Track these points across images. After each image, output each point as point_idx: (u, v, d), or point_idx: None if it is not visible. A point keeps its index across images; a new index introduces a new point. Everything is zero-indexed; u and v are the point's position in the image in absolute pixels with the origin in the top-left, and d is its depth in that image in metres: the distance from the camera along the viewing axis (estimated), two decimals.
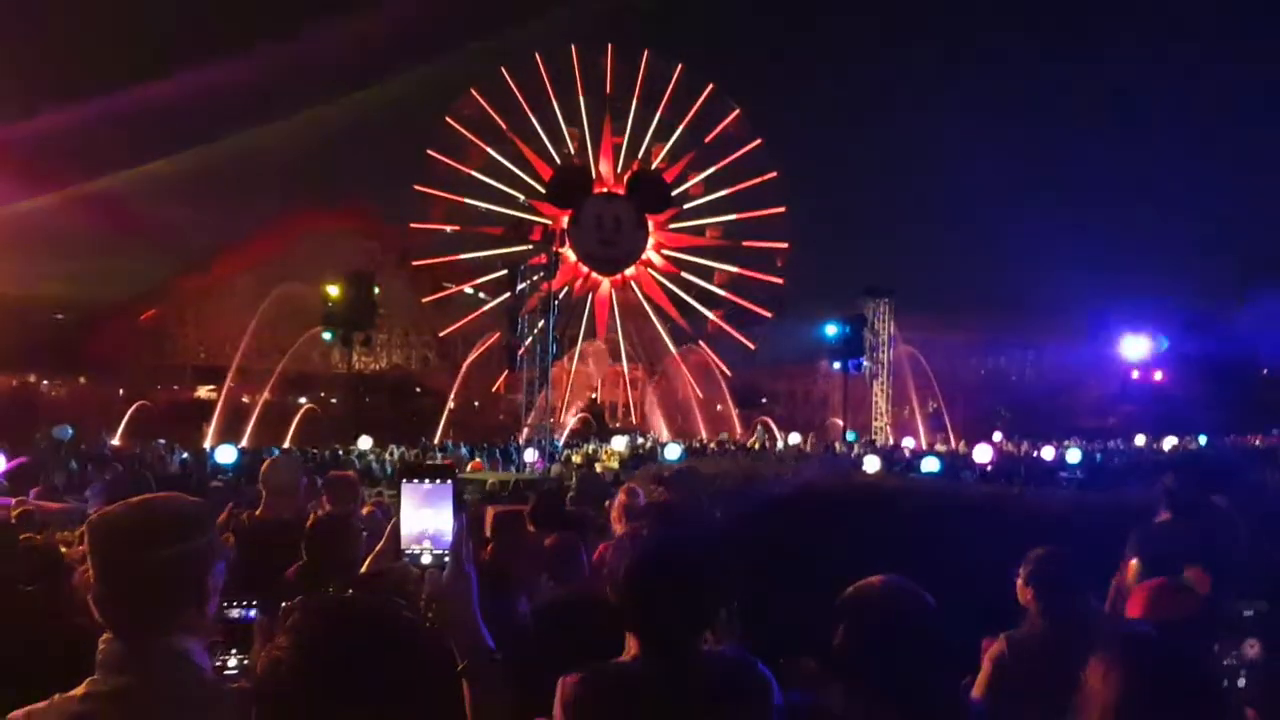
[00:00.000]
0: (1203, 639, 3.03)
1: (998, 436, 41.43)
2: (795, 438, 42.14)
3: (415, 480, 2.22)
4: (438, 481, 2.22)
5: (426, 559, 2.16)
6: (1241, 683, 3.00)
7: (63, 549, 5.89)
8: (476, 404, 55.31)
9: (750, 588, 2.84)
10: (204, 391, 55.54)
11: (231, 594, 2.32)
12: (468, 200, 57.34)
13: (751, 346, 60.03)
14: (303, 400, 47.78)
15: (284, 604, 2.07)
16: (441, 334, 59.28)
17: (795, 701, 2.47)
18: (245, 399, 46.22)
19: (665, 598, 2.41)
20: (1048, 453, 29.73)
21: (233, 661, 2.25)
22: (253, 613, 2.33)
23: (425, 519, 2.19)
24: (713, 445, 38.81)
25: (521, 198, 58.07)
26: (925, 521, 6.52)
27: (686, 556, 2.47)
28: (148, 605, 2.14)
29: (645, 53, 58.90)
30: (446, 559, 2.16)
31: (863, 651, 2.32)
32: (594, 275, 58.91)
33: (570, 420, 48.13)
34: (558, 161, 58.43)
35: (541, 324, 36.45)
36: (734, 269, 60.41)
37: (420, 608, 2.12)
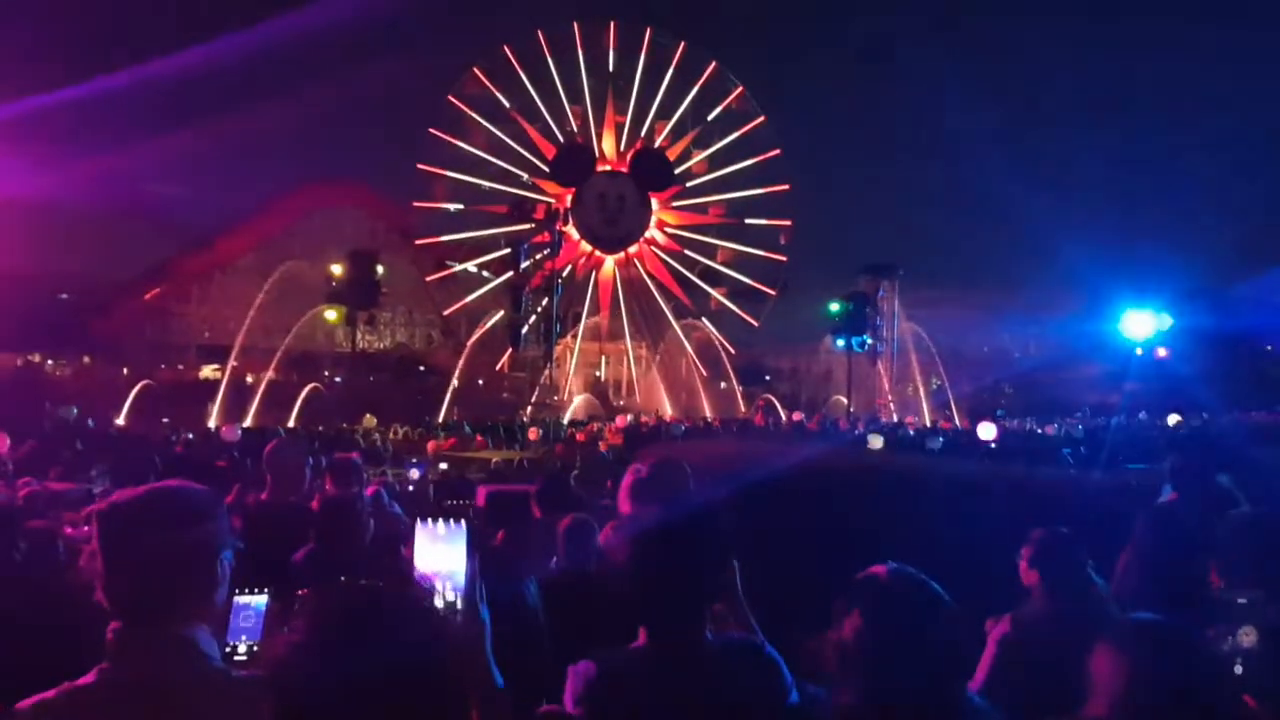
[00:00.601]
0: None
1: (1001, 413, 41.40)
2: (799, 415, 42.10)
3: (430, 521, 2.16)
4: (452, 523, 2.16)
5: (439, 603, 2.09)
6: (1239, 670, 2.99)
7: (68, 529, 5.92)
8: (481, 382, 55.33)
9: (749, 569, 2.79)
10: (208, 371, 55.65)
11: (239, 579, 2.32)
12: (471, 179, 57.23)
13: (755, 324, 60.03)
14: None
15: (298, 591, 2.06)
16: (445, 312, 59.29)
17: (812, 696, 2.45)
18: (249, 378, 46.24)
19: (664, 578, 2.40)
20: (1051, 430, 29.67)
21: (242, 648, 2.24)
22: (263, 599, 2.32)
23: (438, 558, 2.13)
24: (716, 423, 38.79)
25: (525, 176, 57.95)
26: (927, 500, 6.51)
27: (684, 537, 2.45)
28: (157, 593, 2.13)
29: (648, 30, 58.65)
30: (459, 604, 2.09)
31: (868, 646, 2.30)
32: (597, 253, 58.80)
33: (576, 399, 48.20)
34: (560, 139, 58.26)
35: (545, 302, 36.41)
36: (737, 246, 60.26)
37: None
